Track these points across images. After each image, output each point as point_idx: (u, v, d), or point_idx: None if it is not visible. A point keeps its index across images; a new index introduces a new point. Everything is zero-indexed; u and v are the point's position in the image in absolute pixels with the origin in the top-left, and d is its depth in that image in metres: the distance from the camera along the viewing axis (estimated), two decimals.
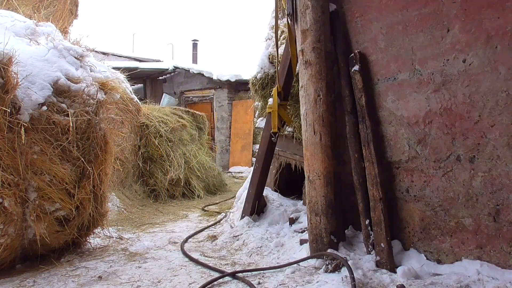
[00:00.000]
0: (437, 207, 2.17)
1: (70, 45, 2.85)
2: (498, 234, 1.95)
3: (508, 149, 1.92)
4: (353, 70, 2.41)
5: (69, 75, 2.67)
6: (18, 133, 2.30)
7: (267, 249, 2.72)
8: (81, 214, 2.72)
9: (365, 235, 2.35)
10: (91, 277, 2.32)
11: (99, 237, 3.17)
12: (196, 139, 6.62)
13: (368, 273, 2.11)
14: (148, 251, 2.89)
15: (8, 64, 2.26)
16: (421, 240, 2.24)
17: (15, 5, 3.63)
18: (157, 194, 5.56)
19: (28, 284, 2.23)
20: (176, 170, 5.72)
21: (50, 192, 2.47)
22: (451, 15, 2.09)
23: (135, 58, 12.54)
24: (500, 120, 1.94)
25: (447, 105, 2.12)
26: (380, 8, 2.38)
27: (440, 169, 2.15)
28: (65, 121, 2.54)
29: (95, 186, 2.81)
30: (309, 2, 2.49)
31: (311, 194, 2.46)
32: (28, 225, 2.43)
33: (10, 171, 2.28)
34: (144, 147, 5.74)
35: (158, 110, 6.32)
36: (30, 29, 2.84)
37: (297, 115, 3.35)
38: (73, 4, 4.27)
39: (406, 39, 2.26)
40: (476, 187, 2.02)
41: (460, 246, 2.08)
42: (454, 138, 2.10)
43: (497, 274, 1.90)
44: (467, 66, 2.04)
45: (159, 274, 2.33)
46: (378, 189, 2.26)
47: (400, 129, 2.31)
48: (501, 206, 1.94)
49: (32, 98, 2.40)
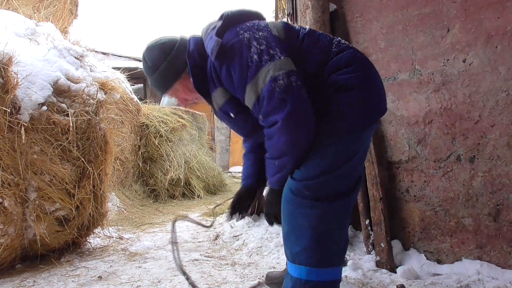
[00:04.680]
0: (437, 207, 2.17)
1: (70, 45, 2.85)
2: (498, 234, 1.95)
3: (508, 149, 1.92)
4: None
5: (69, 75, 2.67)
6: (18, 133, 2.30)
7: (267, 249, 2.72)
8: (81, 214, 2.72)
9: (365, 235, 2.35)
10: (91, 277, 2.32)
11: (99, 237, 3.17)
12: (196, 139, 6.62)
13: (368, 273, 2.11)
14: (148, 251, 2.88)
15: (8, 64, 2.26)
16: (421, 240, 2.24)
17: (15, 5, 3.63)
18: (157, 194, 5.56)
19: (28, 284, 2.23)
20: (176, 170, 5.72)
21: (50, 192, 2.47)
22: (451, 15, 2.09)
23: (135, 58, 12.54)
24: (500, 120, 1.94)
25: (447, 105, 2.12)
26: (380, 8, 2.38)
27: (440, 169, 2.15)
28: (65, 121, 2.54)
29: (95, 186, 2.81)
30: (309, 2, 2.49)
31: None
32: (28, 225, 2.43)
33: (10, 171, 2.28)
34: (144, 147, 5.74)
35: (158, 110, 6.32)
36: (30, 29, 2.84)
37: None
38: (73, 4, 4.27)
39: (406, 39, 2.27)
40: (476, 187, 2.02)
41: (460, 246, 2.08)
42: (454, 138, 2.10)
43: (497, 274, 1.90)
44: (467, 66, 2.04)
45: (159, 274, 2.33)
46: (378, 189, 2.26)
47: (400, 129, 2.32)
48: (501, 206, 1.94)
49: (32, 98, 2.40)
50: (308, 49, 1.43)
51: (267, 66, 1.30)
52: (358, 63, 1.41)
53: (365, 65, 1.44)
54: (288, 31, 1.46)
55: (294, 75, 1.30)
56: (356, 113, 1.36)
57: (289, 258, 1.37)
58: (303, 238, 1.32)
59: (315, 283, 1.30)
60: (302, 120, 1.29)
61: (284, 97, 1.26)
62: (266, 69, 1.30)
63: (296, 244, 1.34)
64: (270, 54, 1.32)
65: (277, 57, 1.32)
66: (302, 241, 1.32)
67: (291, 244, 1.36)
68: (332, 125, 1.35)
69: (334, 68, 1.39)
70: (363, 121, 1.38)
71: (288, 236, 1.38)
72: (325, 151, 1.34)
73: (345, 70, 1.38)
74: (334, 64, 1.40)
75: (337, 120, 1.35)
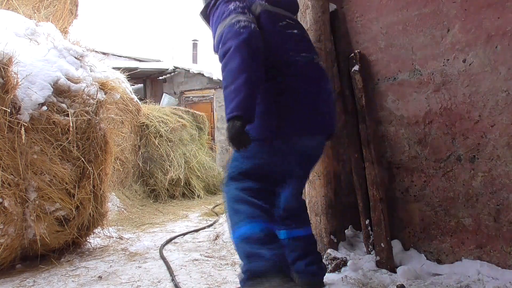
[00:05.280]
0: (437, 207, 2.17)
1: (70, 45, 2.85)
2: (498, 234, 1.95)
3: (508, 149, 1.92)
4: (353, 70, 2.41)
5: (69, 75, 2.67)
6: (18, 133, 2.30)
7: None
8: (81, 214, 2.72)
9: (365, 235, 2.35)
10: (91, 277, 2.32)
11: (99, 237, 3.17)
12: (196, 139, 6.62)
13: (368, 273, 2.11)
14: (148, 251, 2.89)
15: (8, 64, 2.26)
16: (421, 240, 2.24)
17: (15, 5, 3.63)
18: (157, 194, 5.56)
19: (28, 284, 2.23)
20: (176, 170, 5.72)
21: (50, 192, 2.48)
22: (451, 15, 2.09)
23: (135, 58, 12.54)
24: (500, 120, 1.94)
25: (447, 105, 2.12)
26: (380, 8, 2.38)
27: (440, 169, 2.15)
28: (65, 121, 2.54)
29: (95, 186, 2.81)
30: (309, 2, 2.49)
31: (311, 194, 2.46)
32: (28, 225, 2.43)
33: (10, 171, 2.28)
34: (144, 147, 5.74)
35: (158, 110, 6.32)
36: (30, 29, 2.84)
37: None
38: (73, 4, 4.26)
39: (406, 39, 2.27)
40: (476, 187, 2.03)
41: (460, 246, 2.08)
42: (454, 138, 2.10)
43: (497, 274, 1.90)
44: (467, 66, 2.04)
45: (159, 274, 2.33)
46: (378, 189, 2.26)
47: (400, 129, 2.32)
48: (501, 206, 1.94)
49: (32, 98, 2.40)
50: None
51: (236, 13, 1.63)
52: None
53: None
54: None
55: (254, 24, 1.63)
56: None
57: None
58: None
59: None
60: (253, 48, 1.55)
61: (242, 30, 1.56)
62: (235, 15, 1.63)
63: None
64: (241, 8, 1.66)
65: (247, 12, 1.66)
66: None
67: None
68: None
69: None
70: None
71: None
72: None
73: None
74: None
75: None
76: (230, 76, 1.53)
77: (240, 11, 1.64)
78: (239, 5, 1.67)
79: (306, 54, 1.76)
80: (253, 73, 1.52)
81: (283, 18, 1.79)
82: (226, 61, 1.56)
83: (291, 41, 1.75)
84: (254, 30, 1.59)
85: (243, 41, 1.53)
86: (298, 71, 1.71)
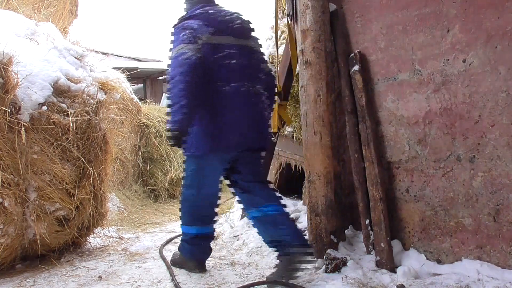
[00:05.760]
0: (437, 207, 2.17)
1: (70, 45, 2.86)
2: (498, 234, 1.95)
3: (508, 149, 1.92)
4: (353, 70, 2.41)
5: (69, 75, 2.67)
6: (18, 133, 2.30)
7: (267, 249, 2.71)
8: (81, 214, 2.72)
9: (365, 235, 2.35)
10: (91, 277, 2.32)
11: (99, 237, 3.17)
12: None
13: (368, 273, 2.11)
14: (148, 251, 2.89)
15: (8, 64, 2.26)
16: (421, 240, 2.24)
17: (15, 5, 3.63)
18: (157, 194, 5.56)
19: (28, 284, 2.23)
20: (176, 170, 5.72)
21: (50, 192, 2.48)
22: (451, 15, 2.09)
23: (135, 58, 12.53)
24: (500, 120, 1.94)
25: (447, 105, 2.12)
26: (380, 8, 2.38)
27: (440, 169, 2.15)
28: (65, 121, 2.54)
29: (95, 186, 2.81)
30: (309, 2, 2.49)
31: (311, 194, 2.46)
32: (28, 225, 2.43)
33: (10, 171, 2.29)
34: (144, 147, 5.74)
35: (158, 110, 6.32)
36: (30, 29, 2.84)
37: (297, 115, 3.35)
38: (73, 4, 4.26)
39: (406, 39, 2.27)
40: (476, 187, 2.02)
41: (460, 246, 2.08)
42: (454, 138, 2.10)
43: (497, 274, 1.90)
44: (467, 66, 2.04)
45: (159, 274, 2.33)
46: (378, 189, 2.26)
47: (400, 129, 2.32)
48: (501, 206, 1.94)
49: (32, 98, 2.40)
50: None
51: (184, 44, 1.99)
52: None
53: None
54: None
55: (197, 56, 1.97)
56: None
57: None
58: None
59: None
60: (193, 78, 1.94)
61: (185, 62, 1.93)
62: (183, 45, 1.98)
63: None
64: (189, 39, 2.01)
65: (193, 43, 2.00)
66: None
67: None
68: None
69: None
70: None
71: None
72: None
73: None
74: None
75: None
76: (175, 98, 1.95)
77: (187, 42, 1.98)
78: (188, 36, 2.01)
79: (235, 83, 2.09)
80: (191, 99, 1.94)
81: (225, 47, 2.10)
82: (171, 85, 1.97)
83: (222, 71, 2.07)
84: (195, 62, 1.95)
85: (185, 72, 1.92)
86: (226, 99, 2.07)
